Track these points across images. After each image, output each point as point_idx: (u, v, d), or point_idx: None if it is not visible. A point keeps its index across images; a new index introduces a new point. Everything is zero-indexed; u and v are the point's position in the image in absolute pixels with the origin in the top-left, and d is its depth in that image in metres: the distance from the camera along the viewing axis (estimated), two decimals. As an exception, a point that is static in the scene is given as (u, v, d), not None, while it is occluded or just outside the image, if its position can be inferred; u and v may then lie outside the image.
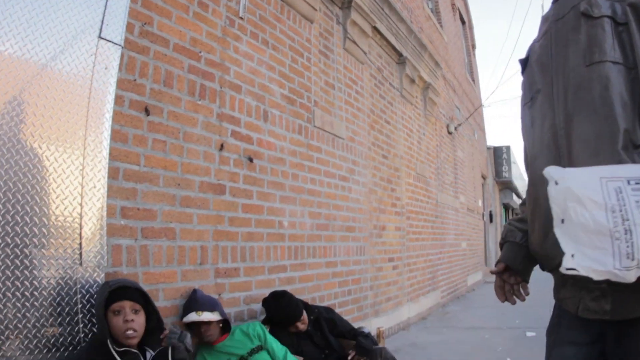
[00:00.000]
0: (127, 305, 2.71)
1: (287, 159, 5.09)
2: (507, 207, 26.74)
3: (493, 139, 67.43)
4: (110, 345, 2.60)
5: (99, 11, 3.17)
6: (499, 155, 21.43)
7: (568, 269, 1.47)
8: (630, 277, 1.39)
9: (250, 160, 4.48)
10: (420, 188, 9.60)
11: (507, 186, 23.90)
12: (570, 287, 1.76)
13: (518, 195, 27.69)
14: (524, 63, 1.99)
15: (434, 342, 7.15)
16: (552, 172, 1.55)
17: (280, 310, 4.10)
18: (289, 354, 3.76)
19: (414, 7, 10.17)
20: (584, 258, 1.45)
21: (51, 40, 2.87)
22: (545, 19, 1.92)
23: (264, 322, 4.12)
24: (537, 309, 9.48)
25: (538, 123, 1.84)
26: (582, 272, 1.45)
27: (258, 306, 4.42)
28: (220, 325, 3.62)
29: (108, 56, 3.18)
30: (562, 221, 1.51)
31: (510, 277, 2.02)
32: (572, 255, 1.47)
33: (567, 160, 1.67)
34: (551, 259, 1.71)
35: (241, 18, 4.57)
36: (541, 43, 1.90)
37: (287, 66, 5.24)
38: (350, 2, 6.60)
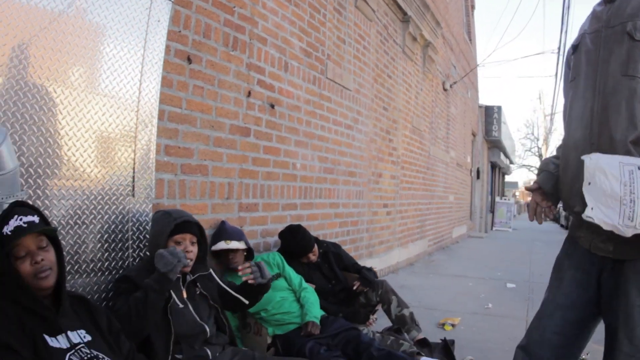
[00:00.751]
0: (187, 237, 3.02)
1: (302, 107, 5.49)
2: (494, 166, 27.07)
3: (485, 98, 67.49)
4: None
5: None
6: (489, 114, 21.56)
7: (587, 217, 2.09)
8: (627, 233, 2.01)
9: (272, 106, 4.89)
10: (415, 140, 10.00)
11: (495, 145, 24.15)
12: (585, 229, 2.34)
13: (506, 155, 28.01)
14: (574, 48, 2.47)
15: (422, 285, 7.66)
16: (587, 157, 2.15)
17: (295, 242, 4.53)
18: (303, 281, 4.20)
19: (419, -35, 10.39)
20: (598, 212, 2.07)
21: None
22: (598, 16, 2.36)
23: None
24: (517, 265, 10.12)
25: (580, 102, 2.35)
26: (596, 221, 2.07)
27: (272, 239, 4.88)
28: (245, 254, 4.03)
29: (160, 10, 3.53)
30: (589, 183, 2.10)
31: (542, 200, 2.56)
32: (592, 208, 2.08)
33: (595, 139, 2.23)
34: (571, 205, 2.34)
35: (267, -25, 4.91)
36: (592, 38, 2.35)
37: (306, 21, 5.59)
38: (362, -39, 6.91)
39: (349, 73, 6.68)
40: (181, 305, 2.94)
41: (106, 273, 3.13)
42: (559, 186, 2.49)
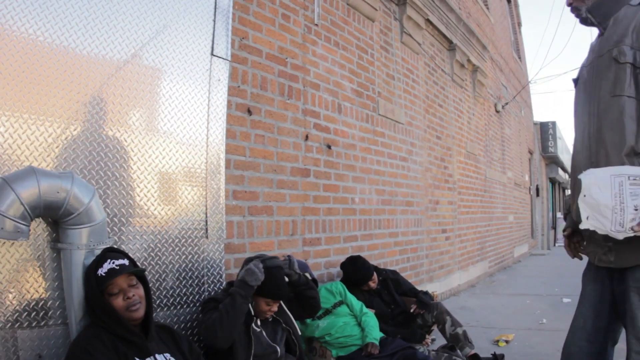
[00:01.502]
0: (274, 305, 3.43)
1: (357, 145, 5.78)
2: (553, 181, 26.74)
3: (539, 115, 66.58)
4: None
5: (209, 31, 3.86)
6: (545, 130, 21.39)
7: (583, 225, 2.36)
8: (619, 237, 2.26)
9: (329, 147, 5.20)
10: (470, 165, 10.13)
11: (553, 160, 23.88)
12: (592, 244, 2.62)
13: (564, 169, 27.63)
14: (576, 82, 2.78)
15: (481, 305, 7.78)
16: (583, 175, 2.42)
17: (355, 271, 4.81)
18: (364, 307, 4.45)
19: (462, -6, 10.64)
20: (593, 220, 2.33)
21: (182, 61, 3.60)
22: (593, 49, 2.67)
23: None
24: (575, 280, 9.96)
25: (580, 127, 2.65)
26: (591, 228, 2.34)
27: (335, 270, 5.14)
28: (310, 285, 4.34)
29: (220, 69, 3.89)
30: (584, 196, 2.35)
31: (572, 236, 2.85)
32: (587, 217, 2.35)
33: (594, 157, 2.50)
34: (577, 220, 2.56)
35: (316, 25, 5.23)
36: (587, 70, 2.65)
37: (355, 63, 5.90)
38: (406, -1, 7.22)
39: (400, 107, 6.94)
40: (258, 330, 3.30)
41: (184, 306, 3.48)
42: (571, 208, 2.74)
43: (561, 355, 2.87)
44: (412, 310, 4.95)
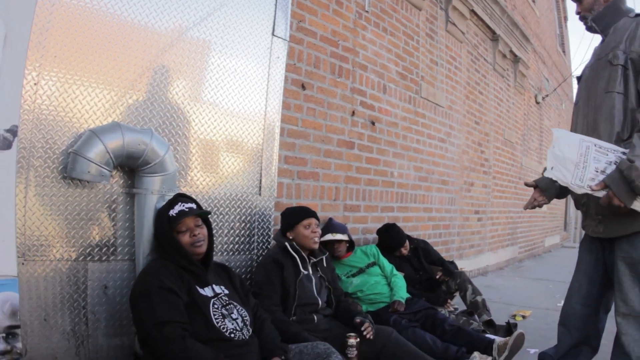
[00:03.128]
0: (314, 222, 3.81)
1: (399, 123, 6.11)
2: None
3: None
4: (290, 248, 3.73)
5: (271, 14, 4.19)
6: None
7: (547, 174, 2.75)
8: (578, 191, 2.66)
9: (373, 123, 5.56)
10: (507, 152, 10.33)
11: (592, 154, 23.68)
12: (586, 219, 3.05)
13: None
14: (579, 79, 3.21)
15: (506, 285, 8.02)
16: (556, 130, 2.81)
17: (390, 237, 5.17)
18: (394, 269, 4.78)
19: (509, -14, 10.77)
20: (556, 171, 2.70)
21: (247, 40, 4.00)
22: (595, 53, 3.09)
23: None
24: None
25: (581, 119, 3.06)
26: (553, 177, 2.72)
27: (371, 236, 5.50)
28: (347, 245, 4.66)
29: (279, 49, 4.25)
30: (554, 147, 2.72)
31: (540, 195, 3.23)
32: (552, 167, 2.72)
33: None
34: (578, 199, 3.04)
35: (366, 11, 5.56)
36: (589, 70, 3.08)
37: (401, 48, 6.22)
38: (453, -11, 7.46)
39: (441, 92, 7.24)
40: (306, 281, 3.68)
41: (236, 253, 3.89)
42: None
43: (559, 316, 3.26)
44: (437, 277, 5.30)
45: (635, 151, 2.54)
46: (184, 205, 2.87)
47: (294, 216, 3.84)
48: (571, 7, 23.38)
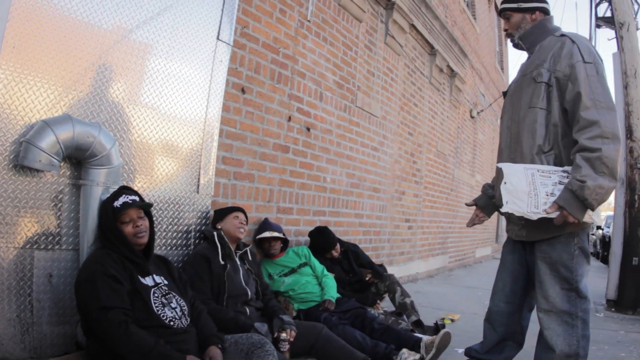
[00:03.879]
0: (242, 216, 4.21)
1: (333, 130, 6.51)
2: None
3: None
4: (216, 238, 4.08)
5: (217, 19, 4.49)
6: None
7: (504, 209, 3.04)
8: (534, 217, 2.95)
9: (308, 129, 5.93)
10: (439, 163, 10.88)
11: (525, 170, 24.40)
12: (510, 224, 3.38)
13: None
14: (504, 94, 3.52)
15: (435, 292, 8.45)
16: (503, 165, 3.14)
17: (322, 239, 5.54)
18: (325, 270, 5.13)
19: (450, 2, 11.33)
20: (512, 205, 3.00)
21: (192, 42, 4.29)
22: (521, 69, 3.39)
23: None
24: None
25: (505, 131, 3.38)
26: (510, 211, 3.02)
27: (303, 238, 5.85)
28: (282, 245, 5.01)
29: (222, 53, 4.56)
30: (505, 183, 3.03)
31: (480, 212, 3.67)
32: (507, 202, 3.01)
33: (513, 154, 3.23)
34: (499, 206, 3.29)
35: (308, 21, 5.94)
36: (514, 85, 3.39)
37: (340, 58, 6.63)
38: (393, 4, 7.90)
39: (376, 102, 7.69)
40: (232, 272, 4.00)
41: (174, 248, 4.17)
42: (495, 195, 3.46)
43: (485, 314, 3.57)
44: (367, 279, 5.68)
45: (581, 172, 2.79)
46: (128, 197, 3.10)
47: (225, 209, 4.30)
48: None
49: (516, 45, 3.44)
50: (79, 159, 3.35)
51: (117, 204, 3.07)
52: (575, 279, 3.03)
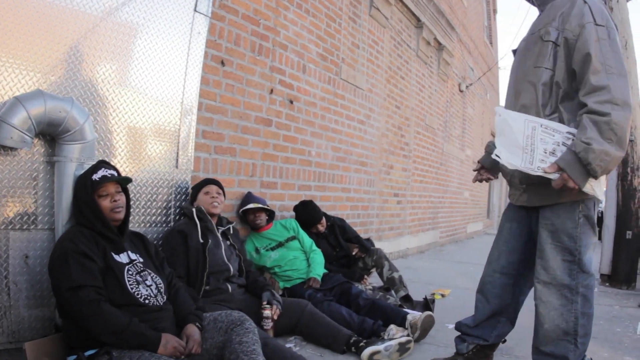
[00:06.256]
0: (214, 189, 4.16)
1: (318, 103, 6.44)
2: (515, 165, 27.42)
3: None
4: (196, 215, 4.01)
5: None
6: (509, 115, 21.92)
7: (495, 156, 2.91)
8: (530, 173, 2.79)
9: (291, 102, 5.86)
10: (428, 137, 10.84)
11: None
12: (511, 188, 3.29)
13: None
14: (514, 52, 3.39)
15: (426, 267, 8.48)
16: (498, 108, 3.02)
17: (307, 213, 5.47)
18: (314, 244, 5.10)
19: (437, -26, 11.22)
20: (505, 155, 2.87)
21: (168, 15, 4.20)
22: (531, 26, 3.27)
23: (293, 223, 5.48)
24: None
25: (511, 90, 3.27)
26: (502, 162, 2.88)
27: (288, 214, 5.80)
28: (267, 217, 4.97)
29: (200, 24, 4.49)
30: (499, 134, 2.93)
31: (484, 173, 3.58)
32: (500, 152, 2.88)
33: (517, 109, 3.06)
34: (503, 169, 3.27)
35: (289, -9, 5.87)
36: (523, 43, 3.27)
37: (323, 30, 6.53)
38: (378, -25, 7.83)
39: (362, 74, 7.61)
40: (214, 248, 3.95)
41: (153, 225, 4.12)
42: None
43: (478, 284, 3.49)
44: (354, 253, 5.65)
45: (587, 133, 2.65)
46: (106, 171, 3.04)
47: (196, 186, 4.23)
48: (500, 1, 24.24)
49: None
50: (52, 135, 3.29)
51: (95, 177, 3.00)
52: (579, 249, 2.92)
